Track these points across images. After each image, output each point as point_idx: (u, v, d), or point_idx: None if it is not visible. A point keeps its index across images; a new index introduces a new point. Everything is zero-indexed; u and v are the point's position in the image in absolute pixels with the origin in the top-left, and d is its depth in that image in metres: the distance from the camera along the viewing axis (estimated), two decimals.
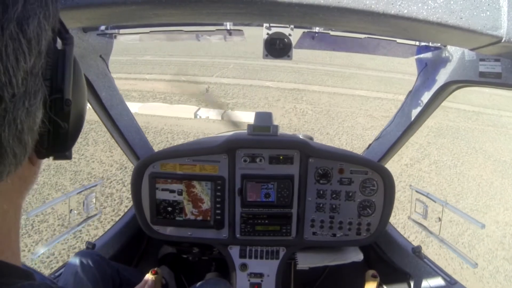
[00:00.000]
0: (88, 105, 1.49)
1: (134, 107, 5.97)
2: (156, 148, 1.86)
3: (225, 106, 6.51)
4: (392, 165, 4.28)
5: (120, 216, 1.97)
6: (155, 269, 1.33)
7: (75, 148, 4.12)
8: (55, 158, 0.43)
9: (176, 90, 7.48)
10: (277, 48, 1.20)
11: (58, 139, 0.40)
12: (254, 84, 8.16)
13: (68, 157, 0.44)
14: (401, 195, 3.80)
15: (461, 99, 6.98)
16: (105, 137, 4.83)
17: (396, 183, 1.58)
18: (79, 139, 0.58)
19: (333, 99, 7.35)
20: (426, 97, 1.43)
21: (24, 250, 2.76)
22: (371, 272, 1.41)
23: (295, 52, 1.24)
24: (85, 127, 5.00)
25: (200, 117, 5.95)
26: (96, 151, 4.56)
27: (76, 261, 1.33)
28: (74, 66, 0.40)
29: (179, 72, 8.88)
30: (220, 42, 1.33)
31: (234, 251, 1.68)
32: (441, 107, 1.46)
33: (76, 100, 0.41)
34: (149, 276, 1.41)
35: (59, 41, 0.40)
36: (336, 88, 8.12)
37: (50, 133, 0.38)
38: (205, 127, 5.52)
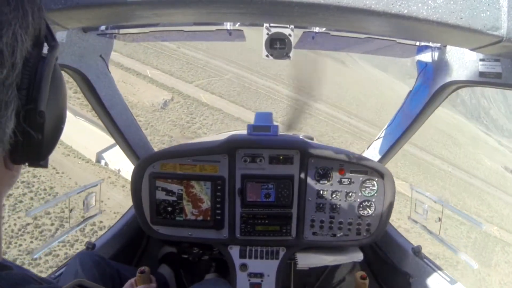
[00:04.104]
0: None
1: None
2: None
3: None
4: None
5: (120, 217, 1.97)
6: (143, 268, 1.33)
7: None
8: (30, 165, 0.41)
9: (124, 90, 4.94)
10: (277, 48, 1.20)
11: (32, 149, 0.38)
12: (244, 117, 5.37)
13: (43, 165, 0.42)
14: None
15: None
16: None
17: None
18: None
19: None
20: (426, 97, 1.43)
21: None
22: (360, 273, 1.39)
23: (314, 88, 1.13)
24: None
25: None
26: None
27: (76, 261, 1.34)
28: (54, 75, 0.38)
29: (151, 62, 6.35)
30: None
31: (234, 251, 1.68)
32: None
33: (52, 110, 0.38)
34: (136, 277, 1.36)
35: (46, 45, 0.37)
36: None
37: (23, 143, 0.37)
38: None
